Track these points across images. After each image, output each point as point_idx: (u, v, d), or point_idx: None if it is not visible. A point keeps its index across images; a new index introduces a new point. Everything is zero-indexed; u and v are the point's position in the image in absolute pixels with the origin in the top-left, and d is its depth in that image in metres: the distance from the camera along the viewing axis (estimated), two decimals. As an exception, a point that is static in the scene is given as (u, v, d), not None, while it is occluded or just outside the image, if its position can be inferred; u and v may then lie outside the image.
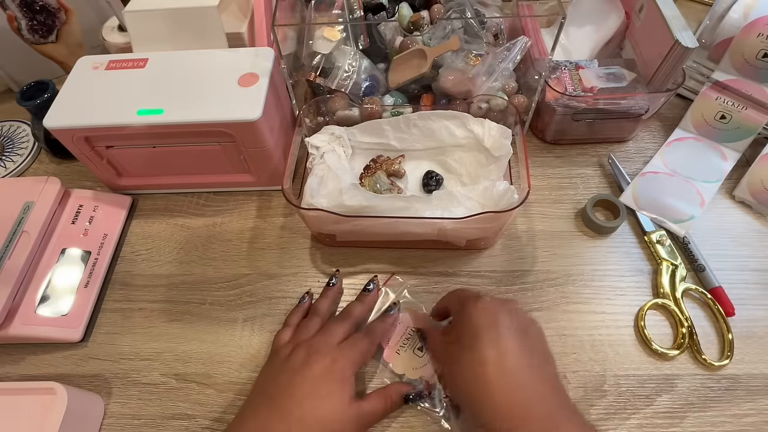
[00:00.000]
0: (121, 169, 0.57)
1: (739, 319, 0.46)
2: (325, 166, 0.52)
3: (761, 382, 0.43)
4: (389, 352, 0.45)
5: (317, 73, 0.57)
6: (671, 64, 0.51)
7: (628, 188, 0.55)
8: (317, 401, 0.37)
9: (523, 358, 0.35)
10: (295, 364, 0.39)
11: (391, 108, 0.56)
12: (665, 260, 0.50)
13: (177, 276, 0.52)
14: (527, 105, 0.58)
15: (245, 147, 0.51)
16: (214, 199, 0.58)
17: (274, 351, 0.43)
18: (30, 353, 0.48)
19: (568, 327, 0.47)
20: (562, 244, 0.52)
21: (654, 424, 0.42)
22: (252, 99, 0.48)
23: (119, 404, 0.45)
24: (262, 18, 0.58)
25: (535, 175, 0.58)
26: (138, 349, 0.48)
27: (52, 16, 0.63)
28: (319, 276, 0.52)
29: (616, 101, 0.55)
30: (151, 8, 0.53)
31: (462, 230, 0.47)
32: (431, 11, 0.59)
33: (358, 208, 0.45)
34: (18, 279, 0.46)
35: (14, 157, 0.64)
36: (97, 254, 0.52)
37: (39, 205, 0.50)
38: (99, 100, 0.50)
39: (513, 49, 0.55)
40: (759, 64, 0.54)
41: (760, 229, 0.52)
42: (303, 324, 0.44)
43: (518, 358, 0.35)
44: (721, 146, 0.58)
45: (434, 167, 0.56)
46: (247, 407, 0.40)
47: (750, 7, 0.55)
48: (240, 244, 0.54)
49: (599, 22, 0.62)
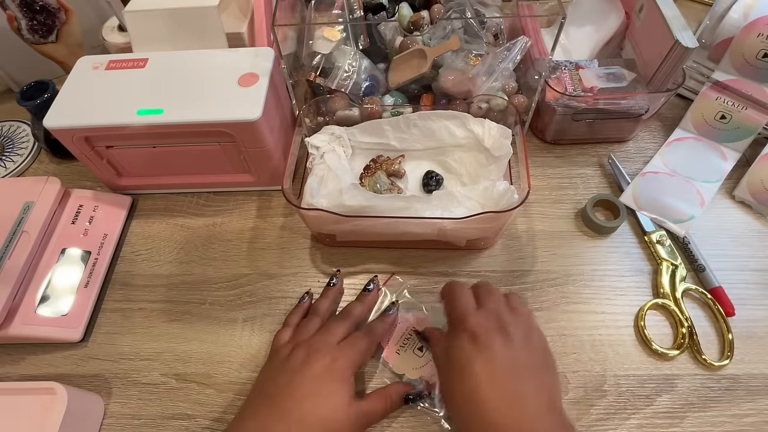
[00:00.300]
0: (121, 169, 0.57)
1: (739, 319, 0.46)
2: (325, 166, 0.52)
3: (761, 382, 0.43)
4: (389, 352, 0.45)
5: (317, 73, 0.57)
6: (671, 64, 0.51)
7: (628, 188, 0.55)
8: (317, 401, 0.37)
9: (518, 378, 0.35)
10: (295, 363, 0.39)
11: (391, 108, 0.56)
12: (665, 260, 0.50)
13: (177, 276, 0.52)
14: (527, 105, 0.58)
15: (245, 147, 0.51)
16: (214, 199, 0.58)
17: (273, 351, 0.43)
18: (30, 353, 0.48)
19: (568, 327, 0.47)
20: (562, 244, 0.52)
21: (654, 424, 0.42)
22: (252, 99, 0.48)
23: (119, 404, 0.45)
24: (262, 18, 0.58)
25: (535, 175, 0.58)
26: (138, 349, 0.48)
27: (52, 16, 0.63)
28: (319, 276, 0.52)
29: (616, 101, 0.55)
30: (151, 8, 0.53)
31: (462, 230, 0.47)
32: (431, 11, 0.59)
33: (358, 208, 0.45)
34: (18, 279, 0.46)
35: (14, 157, 0.64)
36: (97, 254, 0.52)
37: (39, 205, 0.50)
38: (99, 100, 0.50)
39: (513, 49, 0.55)
40: (759, 64, 0.54)
41: (760, 229, 0.53)
42: (303, 324, 0.44)
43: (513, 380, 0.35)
44: (721, 146, 0.58)
45: (434, 167, 0.56)
46: (246, 407, 0.40)
47: (750, 7, 0.55)
48: (240, 244, 0.54)
49: (599, 22, 0.62)
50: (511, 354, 0.36)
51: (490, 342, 0.36)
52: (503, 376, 0.35)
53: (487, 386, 0.34)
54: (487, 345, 0.36)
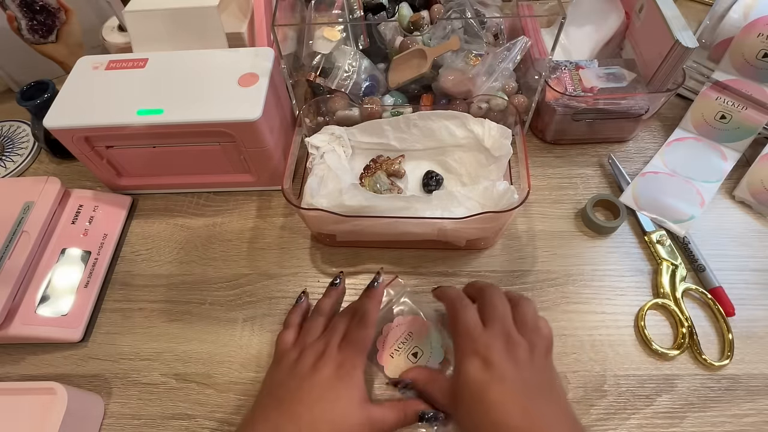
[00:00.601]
0: (121, 169, 0.57)
1: (739, 319, 0.46)
2: (325, 166, 0.52)
3: (761, 382, 0.43)
4: (383, 355, 0.45)
5: (317, 73, 0.57)
6: (671, 64, 0.51)
7: (628, 188, 0.55)
8: (327, 405, 0.37)
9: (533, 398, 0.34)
10: (304, 369, 0.39)
11: (391, 108, 0.56)
12: (665, 260, 0.50)
13: (177, 276, 0.52)
14: (527, 105, 0.58)
15: (245, 147, 0.51)
16: (214, 199, 0.58)
17: (279, 354, 0.43)
18: (30, 353, 0.48)
19: (568, 327, 0.47)
20: (562, 244, 0.52)
21: (654, 424, 0.42)
22: (252, 99, 0.48)
23: (119, 404, 0.45)
24: (262, 18, 0.58)
25: (535, 175, 0.58)
26: (138, 349, 0.48)
27: (52, 16, 0.63)
28: (319, 276, 0.52)
29: (616, 101, 0.55)
30: (151, 8, 0.53)
31: (462, 230, 0.47)
32: (431, 11, 0.59)
33: (358, 208, 0.45)
34: (18, 279, 0.46)
35: (14, 157, 0.64)
36: (97, 254, 0.52)
37: (39, 205, 0.50)
38: (99, 100, 0.50)
39: (513, 49, 0.55)
40: (759, 64, 0.54)
41: (760, 229, 0.52)
42: (307, 325, 0.44)
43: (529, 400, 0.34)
44: (721, 146, 0.58)
45: (434, 167, 0.56)
46: (256, 410, 0.39)
47: (750, 7, 0.55)
48: (240, 244, 0.54)
49: (599, 22, 0.62)
50: (522, 375, 0.35)
51: (501, 366, 0.35)
52: (520, 399, 0.34)
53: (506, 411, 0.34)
54: (499, 369, 0.35)
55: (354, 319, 0.42)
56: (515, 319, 0.39)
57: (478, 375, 0.35)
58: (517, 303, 0.40)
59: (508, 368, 0.35)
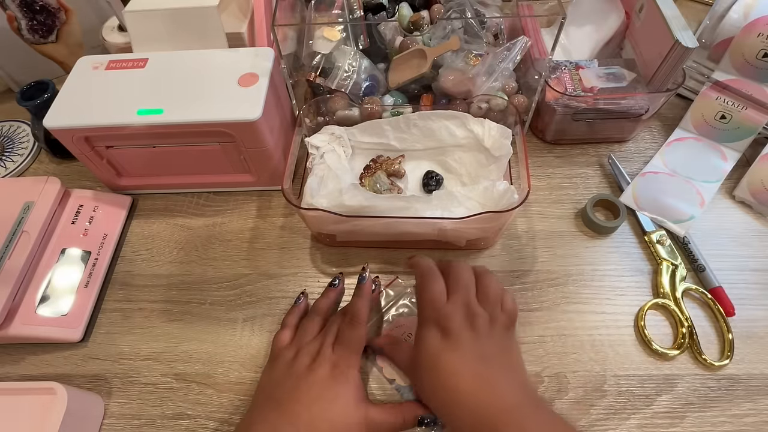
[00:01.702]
0: (121, 169, 0.57)
1: (739, 319, 0.46)
2: (325, 166, 0.52)
3: (761, 382, 0.43)
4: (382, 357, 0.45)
5: (317, 73, 0.57)
6: (671, 64, 0.51)
7: (628, 188, 0.55)
8: (324, 404, 0.37)
9: (487, 364, 0.36)
10: (300, 369, 0.39)
11: (391, 108, 0.56)
12: (665, 260, 0.50)
13: (177, 276, 0.52)
14: (527, 105, 0.58)
15: (245, 147, 0.51)
16: (214, 199, 0.58)
17: (275, 353, 0.43)
18: (30, 353, 0.48)
19: (568, 327, 0.47)
20: (562, 244, 0.52)
21: (654, 424, 0.42)
22: (252, 99, 0.48)
23: (119, 404, 0.45)
24: (262, 18, 0.58)
25: (535, 175, 0.58)
26: (138, 349, 0.48)
27: (52, 16, 0.63)
28: (319, 276, 0.52)
29: (616, 101, 0.55)
30: (151, 8, 0.53)
31: (462, 230, 0.47)
32: (431, 11, 0.59)
33: (358, 208, 0.45)
34: (18, 279, 0.46)
35: (14, 157, 0.64)
36: (97, 254, 0.52)
37: (39, 205, 0.50)
38: (99, 100, 0.50)
39: (513, 49, 0.55)
40: (759, 64, 0.54)
41: (760, 229, 0.52)
42: (303, 325, 0.44)
43: (482, 366, 0.36)
44: (721, 146, 0.58)
45: (434, 167, 0.56)
46: (253, 411, 0.39)
47: (750, 7, 0.55)
48: (240, 244, 0.54)
49: (599, 22, 0.62)
50: (479, 343, 0.37)
51: (459, 335, 0.37)
52: (473, 365, 0.36)
53: (459, 375, 0.36)
54: (456, 338, 0.37)
55: (345, 320, 0.43)
56: (478, 292, 0.40)
57: (436, 343, 0.37)
58: (481, 277, 0.41)
59: (465, 337, 0.37)
